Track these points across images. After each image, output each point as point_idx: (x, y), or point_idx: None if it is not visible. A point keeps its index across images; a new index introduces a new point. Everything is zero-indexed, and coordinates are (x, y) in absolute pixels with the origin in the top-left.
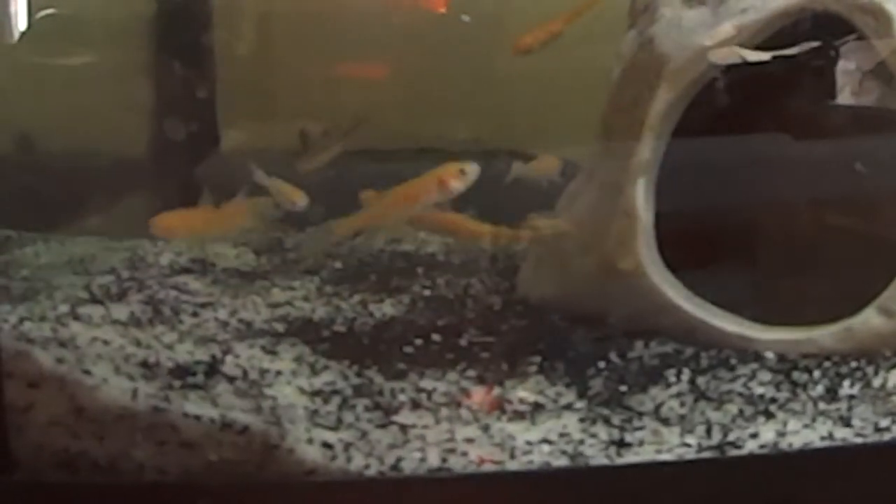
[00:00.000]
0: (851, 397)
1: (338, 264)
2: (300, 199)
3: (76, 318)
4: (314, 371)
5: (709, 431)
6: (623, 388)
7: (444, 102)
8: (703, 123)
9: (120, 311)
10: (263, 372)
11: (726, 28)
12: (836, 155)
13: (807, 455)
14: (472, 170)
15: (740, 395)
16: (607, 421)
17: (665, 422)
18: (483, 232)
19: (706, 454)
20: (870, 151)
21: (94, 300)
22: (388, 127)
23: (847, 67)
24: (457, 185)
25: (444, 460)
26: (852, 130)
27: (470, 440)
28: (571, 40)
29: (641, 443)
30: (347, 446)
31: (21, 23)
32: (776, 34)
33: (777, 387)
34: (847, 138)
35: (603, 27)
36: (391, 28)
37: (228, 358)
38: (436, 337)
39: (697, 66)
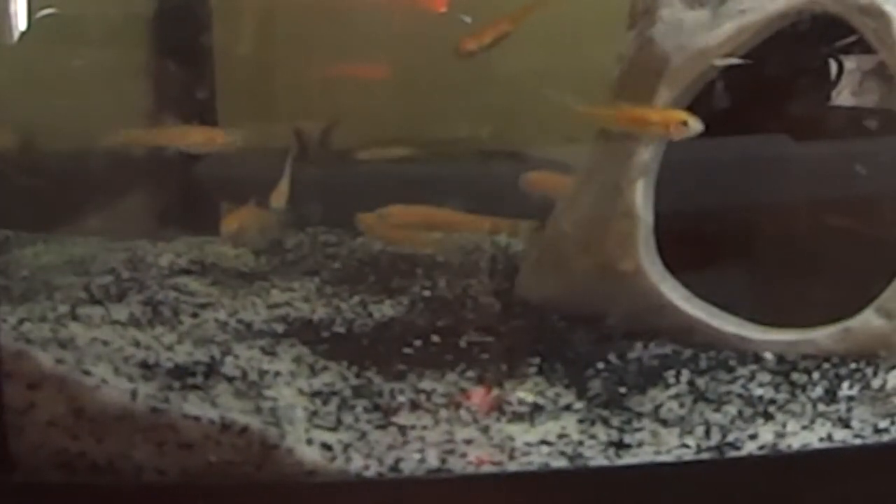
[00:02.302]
0: (850, 399)
1: (337, 265)
2: (275, 201)
3: (76, 318)
4: (313, 372)
5: (708, 433)
6: (622, 389)
7: (443, 103)
8: (703, 124)
9: (119, 312)
10: (263, 373)
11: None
12: (835, 156)
13: (806, 456)
14: (694, 127)
15: (739, 396)
16: (606, 422)
17: (664, 423)
18: (481, 224)
19: (705, 455)
20: (870, 152)
21: (94, 301)
22: (385, 128)
23: (847, 68)
24: (675, 133)
25: (443, 461)
26: (852, 131)
27: (469, 441)
28: (570, 40)
29: (640, 444)
30: (347, 447)
31: (21, 23)
32: (775, 36)
33: (776, 388)
34: (847, 139)
35: (603, 28)
36: (390, 28)
37: (228, 359)
38: (435, 338)
39: (697, 67)
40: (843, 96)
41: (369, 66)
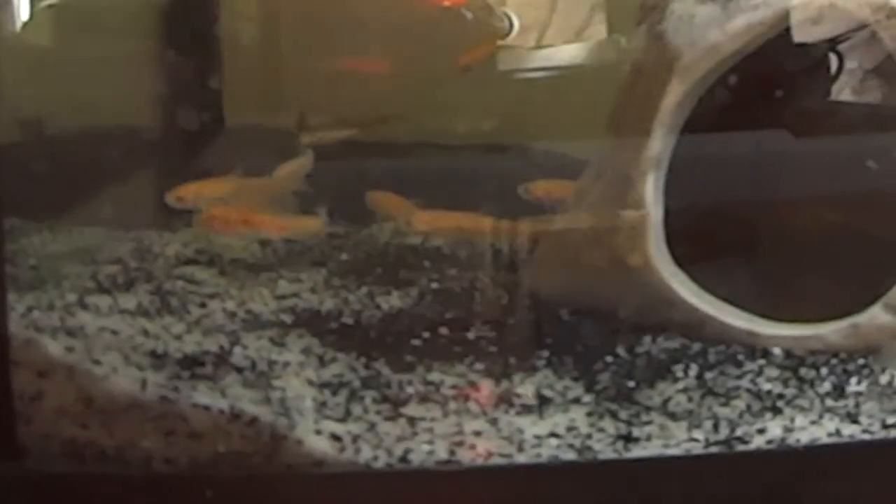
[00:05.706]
0: (859, 394)
1: (344, 256)
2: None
3: (84, 307)
4: (322, 363)
5: (716, 427)
6: (631, 382)
7: (449, 96)
8: (714, 119)
9: (128, 301)
10: (272, 363)
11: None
12: (845, 151)
13: (814, 451)
14: None
15: (748, 390)
16: (615, 415)
17: (672, 416)
18: (483, 227)
19: (713, 449)
20: (880, 148)
21: (102, 290)
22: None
23: (849, 65)
24: None
25: (452, 453)
26: (863, 127)
27: (478, 433)
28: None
29: (649, 437)
30: (356, 438)
31: (24, 11)
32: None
33: (784, 383)
34: (858, 135)
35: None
36: (398, 21)
37: (237, 349)
38: (443, 330)
39: (708, 61)
40: (844, 95)
41: (377, 57)
